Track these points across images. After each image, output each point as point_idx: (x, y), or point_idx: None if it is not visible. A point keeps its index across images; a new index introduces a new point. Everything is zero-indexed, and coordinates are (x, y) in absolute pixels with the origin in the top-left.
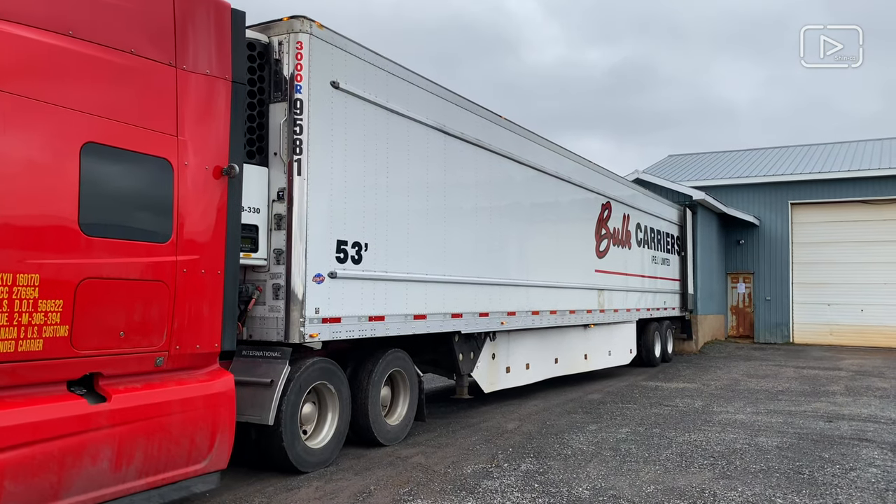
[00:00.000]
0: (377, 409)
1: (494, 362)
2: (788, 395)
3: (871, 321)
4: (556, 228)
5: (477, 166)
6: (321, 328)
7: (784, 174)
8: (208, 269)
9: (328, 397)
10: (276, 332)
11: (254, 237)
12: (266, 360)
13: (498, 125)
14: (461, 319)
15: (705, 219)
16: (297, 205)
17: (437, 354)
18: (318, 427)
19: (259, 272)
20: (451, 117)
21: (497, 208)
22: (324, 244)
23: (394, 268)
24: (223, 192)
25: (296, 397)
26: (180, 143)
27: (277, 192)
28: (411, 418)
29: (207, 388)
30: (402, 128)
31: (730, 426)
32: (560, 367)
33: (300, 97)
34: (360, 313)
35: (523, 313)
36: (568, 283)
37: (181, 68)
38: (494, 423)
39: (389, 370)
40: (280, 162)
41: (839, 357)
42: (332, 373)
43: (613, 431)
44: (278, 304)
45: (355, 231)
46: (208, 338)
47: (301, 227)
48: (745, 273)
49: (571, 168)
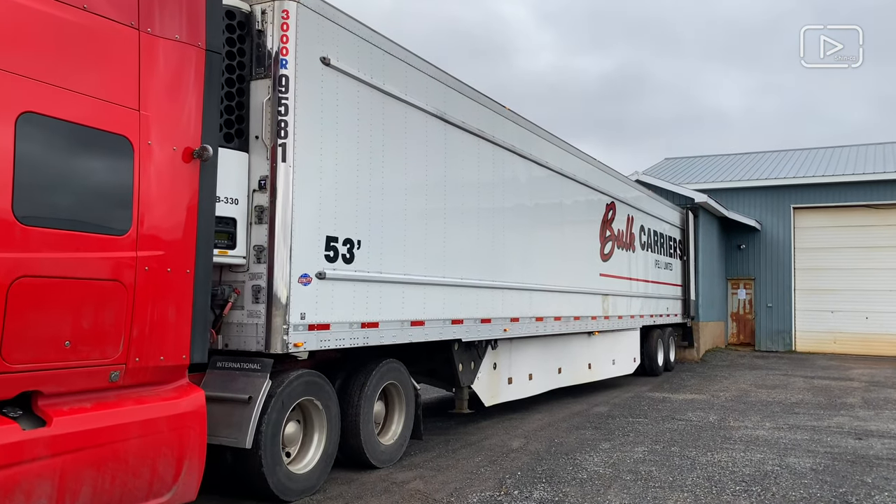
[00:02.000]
0: (370, 428)
1: (496, 373)
2: (805, 407)
3: (877, 329)
4: (561, 228)
5: (479, 159)
6: (307, 336)
7: (786, 177)
8: (175, 268)
9: (315, 415)
10: (256, 341)
11: (231, 232)
12: (244, 372)
13: (501, 115)
14: (462, 326)
15: (706, 222)
16: (280, 195)
17: (435, 364)
18: (304, 449)
19: (237, 272)
20: (451, 104)
21: (500, 204)
22: (311, 241)
23: (389, 268)
24: (194, 178)
25: (278, 415)
26: (143, 118)
27: (259, 180)
28: (407, 436)
29: (173, 406)
30: (400, 113)
31: (753, 444)
32: (563, 377)
33: (286, 73)
34: (352, 319)
35: (527, 319)
36: (572, 288)
37: (145, 31)
38: (498, 441)
39: (383, 383)
40: (262, 146)
41: (847, 366)
42: (320, 387)
43: (629, 450)
44: (258, 308)
45: (347, 226)
46: (174, 348)
47: (285, 220)
48: (745, 279)
49: (576, 165)
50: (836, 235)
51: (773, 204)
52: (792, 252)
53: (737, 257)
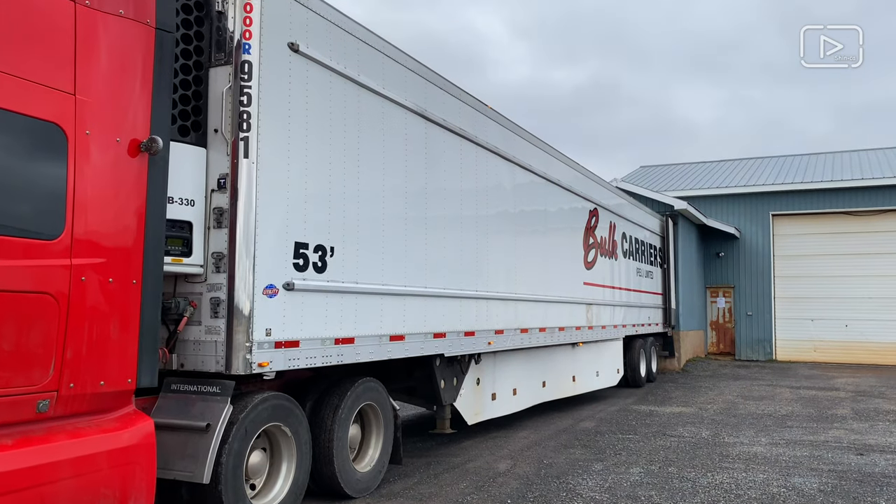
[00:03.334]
0: (344, 454)
1: (479, 388)
2: (797, 420)
3: (857, 337)
4: (545, 234)
5: (462, 161)
6: (273, 355)
7: (765, 184)
8: (118, 278)
9: (283, 442)
10: (216, 361)
11: (186, 237)
12: (202, 396)
13: (484, 115)
14: (444, 340)
15: (685, 230)
16: (243, 196)
17: (414, 381)
18: (271, 480)
19: (193, 282)
20: (432, 101)
21: (484, 209)
22: (278, 247)
23: (366, 278)
24: (141, 174)
25: (240, 445)
26: (79, 104)
27: (218, 179)
28: (385, 462)
29: (115, 439)
30: (377, 108)
31: (753, 463)
32: (548, 391)
33: (249, 59)
34: (324, 335)
35: (511, 331)
36: (557, 297)
37: (82, 3)
38: (483, 464)
39: (359, 404)
40: (222, 141)
41: (830, 376)
42: (288, 411)
43: (624, 472)
44: (218, 323)
45: (318, 232)
46: (118, 371)
47: (248, 224)
48: (725, 287)
49: (560, 169)
50: (815, 243)
51: (751, 211)
52: (771, 259)
53: (716, 265)
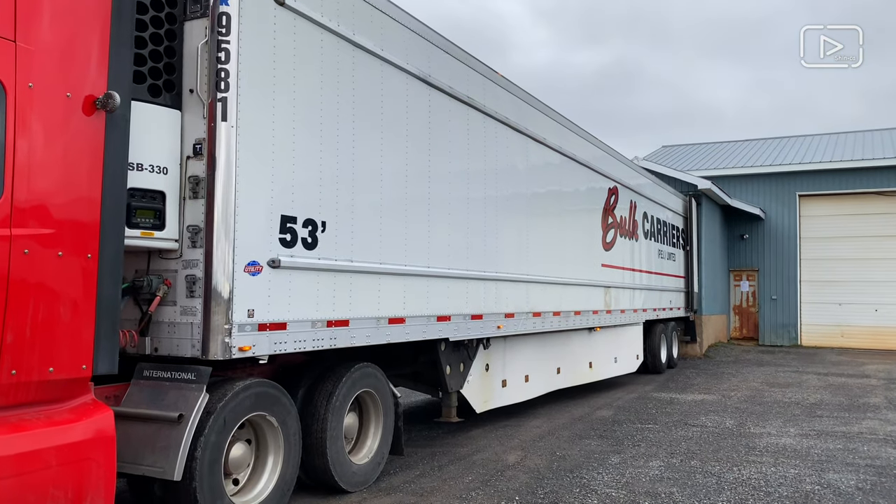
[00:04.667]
0: (338, 445)
1: (488, 375)
2: (827, 409)
3: (887, 322)
4: (560, 213)
5: (469, 131)
6: (257, 338)
7: (791, 163)
8: (70, 251)
9: (269, 433)
10: (191, 345)
11: (158, 208)
12: (175, 384)
13: (494, 83)
14: (449, 323)
15: (708, 211)
16: (221, 163)
17: (418, 366)
18: (255, 475)
19: (167, 258)
20: (437, 65)
21: (492, 183)
22: (262, 220)
23: (362, 255)
24: (97, 135)
25: (218, 437)
26: (21, 52)
27: (194, 145)
28: (385, 453)
29: (66, 433)
30: (374, 71)
31: (782, 456)
32: (562, 378)
33: (227, 11)
34: (315, 316)
35: (523, 315)
36: (573, 280)
37: None
38: (491, 455)
39: (356, 391)
40: (198, 102)
41: (859, 362)
42: (275, 400)
43: (642, 466)
44: (194, 304)
45: (308, 204)
46: (70, 356)
47: (228, 194)
48: (749, 270)
49: (577, 144)
50: (843, 224)
51: (777, 192)
52: (797, 242)
53: (739, 248)
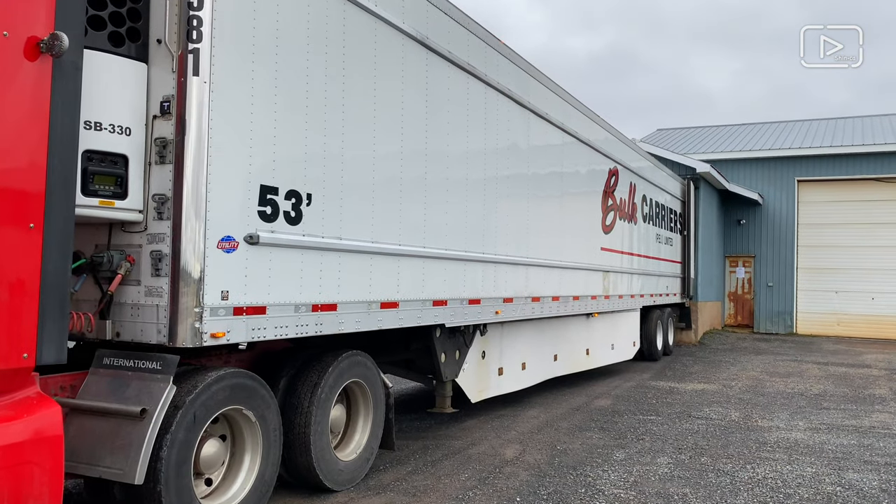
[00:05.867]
0: (324, 441)
1: (484, 363)
2: (832, 401)
3: (884, 311)
4: (561, 192)
5: (468, 100)
6: (232, 323)
7: (790, 148)
8: (7, 220)
9: (246, 429)
10: (157, 330)
11: (120, 174)
12: (139, 374)
13: (495, 49)
14: (446, 308)
15: (706, 195)
16: (192, 124)
17: (411, 353)
18: (231, 474)
19: (131, 232)
20: (435, 27)
21: (492, 159)
22: (238, 191)
23: (352, 233)
24: (42, 84)
25: (187, 434)
26: None
27: (161, 102)
28: (374, 448)
29: (2, 433)
30: (367, 29)
31: (795, 452)
32: (560, 365)
33: None
34: (299, 300)
35: (522, 300)
36: (572, 263)
37: None
38: (488, 448)
39: (344, 382)
40: (167, 54)
41: (857, 351)
42: (252, 392)
43: (650, 462)
44: (160, 283)
45: (292, 174)
46: (7, 344)
47: (199, 160)
48: (745, 256)
49: (579, 121)
50: (842, 210)
51: (775, 177)
52: (795, 228)
53: (736, 233)
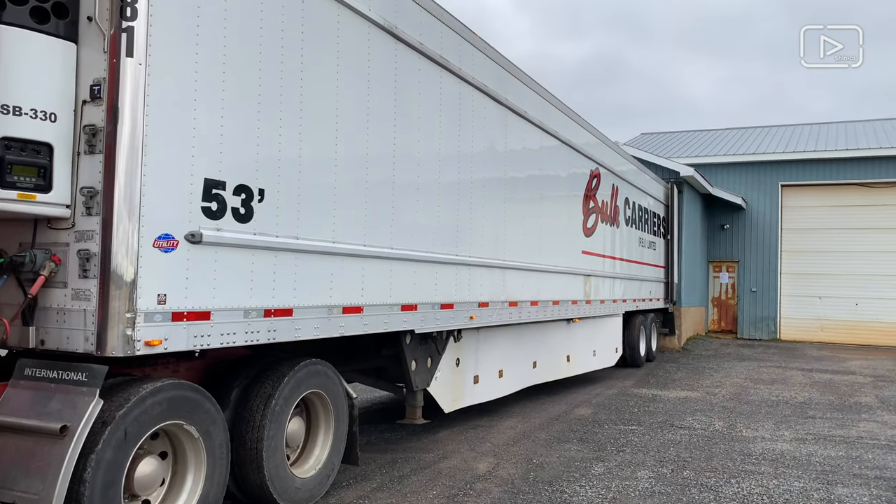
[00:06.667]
0: (278, 457)
1: (459, 370)
2: (818, 409)
3: (867, 317)
4: (541, 194)
5: (441, 95)
6: (170, 330)
7: (774, 152)
8: None
9: (188, 446)
10: (84, 338)
11: (43, 165)
12: (62, 386)
13: (471, 44)
14: (416, 313)
15: (690, 199)
16: (126, 110)
17: (380, 360)
18: (172, 495)
19: (56, 228)
20: (405, 16)
21: (466, 157)
22: (179, 184)
23: (310, 232)
24: None
25: (116, 454)
26: None
27: (92, 86)
28: (336, 463)
29: None
30: (328, 13)
31: (781, 465)
32: (539, 372)
33: None
34: (249, 304)
35: (498, 304)
36: (552, 267)
37: None
38: (459, 462)
39: (301, 393)
40: (98, 33)
41: (841, 358)
42: (195, 405)
43: (630, 476)
44: (88, 286)
45: (242, 168)
46: None
47: (133, 150)
48: (728, 261)
49: (559, 120)
50: (826, 215)
51: (759, 181)
52: (779, 233)
53: (720, 238)
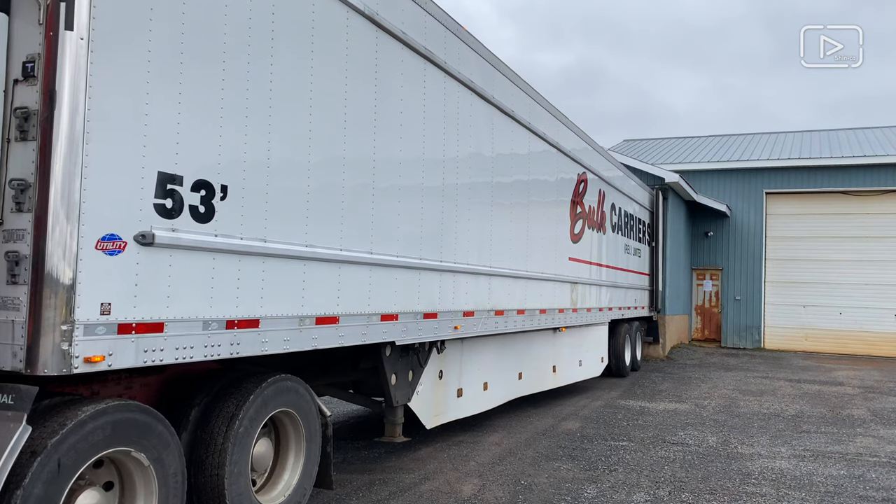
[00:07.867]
0: (242, 484)
1: (442, 383)
2: (812, 423)
3: (851, 326)
4: (527, 199)
5: (426, 89)
6: (115, 344)
7: (758, 159)
8: None
9: (137, 475)
10: (12, 353)
11: None
12: None
13: (457, 36)
14: (396, 323)
15: (674, 206)
16: (65, 90)
17: (358, 374)
18: None
19: None
20: (386, 3)
21: (452, 157)
22: (127, 178)
23: (279, 234)
24: None
25: (48, 488)
26: None
27: (25, 63)
28: (308, 487)
29: None
30: None
31: (783, 486)
32: (525, 384)
33: None
34: (209, 314)
35: (484, 313)
36: (539, 274)
37: None
38: (442, 484)
39: (269, 412)
40: (33, 3)
41: (827, 368)
42: (145, 429)
43: (625, 500)
44: (17, 293)
45: (201, 160)
46: None
47: (73, 135)
48: (712, 269)
49: (547, 121)
50: (811, 224)
51: (743, 188)
52: (763, 241)
53: (704, 245)
